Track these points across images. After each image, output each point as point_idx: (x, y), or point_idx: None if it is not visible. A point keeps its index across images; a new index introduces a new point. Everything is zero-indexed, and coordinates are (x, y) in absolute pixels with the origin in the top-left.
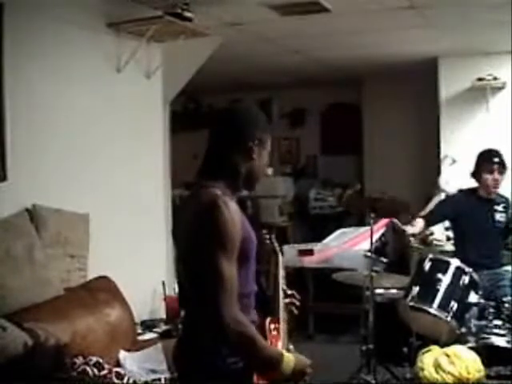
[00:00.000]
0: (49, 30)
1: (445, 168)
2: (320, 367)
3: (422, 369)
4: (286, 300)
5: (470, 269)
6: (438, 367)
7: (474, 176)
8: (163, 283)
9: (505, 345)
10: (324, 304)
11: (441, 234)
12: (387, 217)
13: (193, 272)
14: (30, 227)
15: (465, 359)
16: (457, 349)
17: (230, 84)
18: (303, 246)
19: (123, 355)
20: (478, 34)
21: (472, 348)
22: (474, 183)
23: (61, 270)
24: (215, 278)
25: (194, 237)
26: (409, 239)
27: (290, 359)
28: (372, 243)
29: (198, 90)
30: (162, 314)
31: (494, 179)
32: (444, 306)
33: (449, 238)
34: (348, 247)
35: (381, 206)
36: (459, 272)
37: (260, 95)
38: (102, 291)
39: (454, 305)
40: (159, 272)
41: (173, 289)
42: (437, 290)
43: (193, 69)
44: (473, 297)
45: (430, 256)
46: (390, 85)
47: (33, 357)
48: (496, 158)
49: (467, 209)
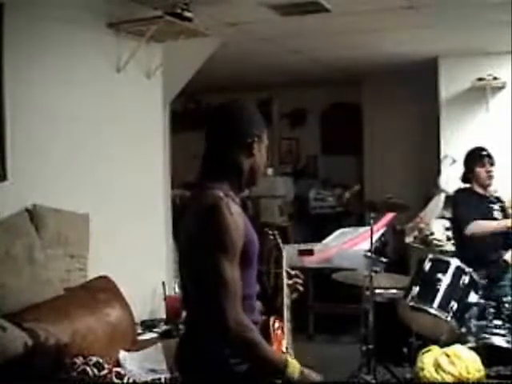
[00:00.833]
0: (49, 30)
1: (445, 168)
2: (320, 367)
3: (422, 369)
4: (290, 281)
5: (470, 269)
6: (438, 367)
7: (466, 177)
8: (163, 283)
9: (505, 345)
10: (324, 304)
11: (441, 234)
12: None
13: (195, 274)
14: (30, 227)
15: (465, 359)
16: (457, 349)
17: (230, 84)
18: (303, 246)
19: (123, 355)
20: (478, 34)
21: (472, 348)
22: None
23: (61, 270)
24: (218, 282)
25: (196, 239)
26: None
27: (296, 366)
28: (372, 243)
29: (198, 90)
30: (162, 314)
31: (487, 171)
32: (444, 306)
33: (449, 238)
34: (348, 247)
35: (380, 208)
36: (459, 272)
37: (260, 95)
38: (102, 291)
39: (454, 305)
40: (159, 272)
41: (173, 289)
42: (437, 290)
43: (193, 69)
44: (473, 297)
45: (430, 256)
46: (390, 85)
47: (33, 357)
48: (483, 152)
49: (468, 207)
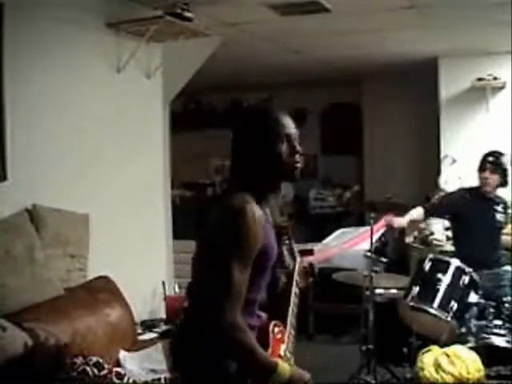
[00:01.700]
0: (49, 30)
1: (445, 168)
2: (320, 367)
3: (422, 369)
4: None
5: (470, 269)
6: (438, 367)
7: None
8: (163, 283)
9: (505, 345)
10: (324, 304)
11: (441, 234)
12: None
13: (205, 271)
14: (30, 227)
15: (465, 359)
16: (457, 349)
17: (230, 84)
18: (303, 246)
19: (123, 355)
20: (478, 34)
21: (472, 348)
22: (475, 182)
23: (61, 270)
24: (224, 282)
25: (214, 238)
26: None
27: (286, 369)
28: (372, 243)
29: (198, 90)
30: (162, 314)
31: (484, 177)
32: (444, 306)
33: (449, 238)
34: (348, 247)
35: (380, 208)
36: (459, 272)
37: (260, 95)
38: (102, 291)
39: (454, 305)
40: (159, 272)
41: (173, 289)
42: (437, 290)
43: (193, 69)
44: (473, 297)
45: (430, 256)
46: (390, 85)
47: (33, 357)
48: (490, 158)
49: (469, 206)
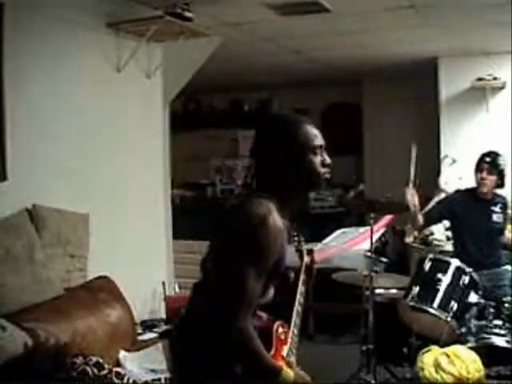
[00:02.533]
0: (49, 30)
1: (445, 168)
2: (320, 367)
3: (422, 369)
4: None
5: (470, 269)
6: (438, 367)
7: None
8: (163, 283)
9: (505, 345)
10: (324, 304)
11: (441, 234)
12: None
13: (217, 274)
14: (30, 227)
15: (465, 359)
16: (457, 349)
17: (230, 84)
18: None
19: (123, 355)
20: (478, 34)
21: (472, 348)
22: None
23: (61, 270)
24: (239, 292)
25: (233, 244)
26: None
27: (289, 374)
28: (372, 243)
29: (198, 90)
30: (162, 314)
31: (481, 178)
32: (444, 306)
33: (449, 238)
34: (348, 247)
35: (380, 208)
36: (459, 272)
37: (260, 95)
38: (102, 291)
39: (454, 305)
40: (159, 272)
41: (173, 289)
42: (437, 290)
43: (193, 69)
44: (473, 297)
45: (430, 256)
46: (390, 85)
47: (33, 357)
48: (487, 158)
49: (464, 208)
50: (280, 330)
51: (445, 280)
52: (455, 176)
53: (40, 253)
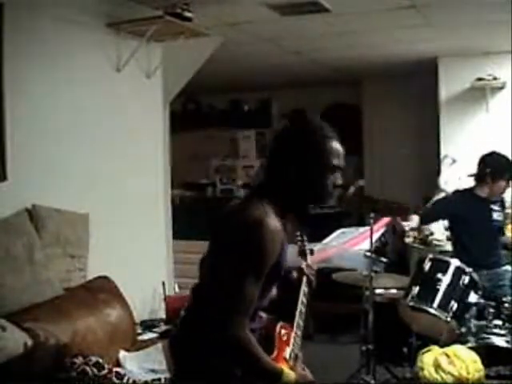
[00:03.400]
0: (49, 30)
1: (444, 168)
2: (320, 367)
3: (422, 369)
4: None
5: (470, 269)
6: (438, 367)
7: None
8: (163, 283)
9: (505, 345)
10: (324, 304)
11: (441, 234)
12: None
13: (215, 277)
14: (30, 227)
15: (465, 359)
16: (457, 349)
17: (230, 84)
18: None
19: (123, 355)
20: (478, 34)
21: (472, 348)
22: (472, 183)
23: (61, 270)
24: (236, 296)
25: (231, 247)
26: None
27: (291, 375)
28: (372, 243)
29: (198, 90)
30: (162, 314)
31: (505, 188)
32: (444, 306)
33: (449, 238)
34: (348, 247)
35: (380, 208)
36: (459, 272)
37: (260, 95)
38: (102, 291)
39: (454, 305)
40: (159, 272)
41: (173, 289)
42: (437, 290)
43: (193, 69)
44: (473, 297)
45: (430, 256)
46: (390, 85)
47: (33, 357)
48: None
49: (464, 209)
50: (282, 332)
51: (445, 280)
52: (455, 176)
53: (40, 253)
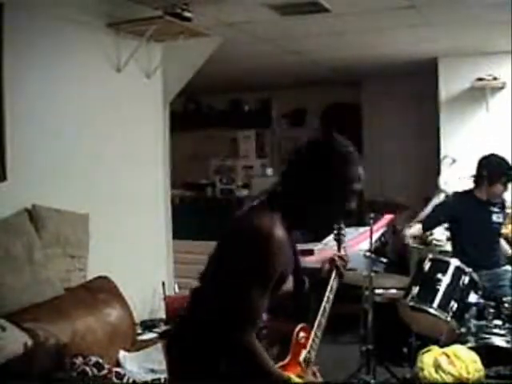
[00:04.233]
0: (49, 30)
1: (444, 168)
2: (320, 367)
3: (422, 369)
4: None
5: (470, 269)
6: (438, 367)
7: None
8: (163, 283)
9: (505, 345)
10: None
11: (441, 234)
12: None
13: (219, 285)
14: (30, 227)
15: (464, 359)
16: (457, 349)
17: (230, 84)
18: (303, 246)
19: (123, 355)
20: (478, 34)
21: (472, 348)
22: (471, 184)
23: (61, 270)
24: (244, 307)
25: (239, 258)
26: (406, 241)
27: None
28: (372, 243)
29: (198, 90)
30: (162, 314)
31: (503, 191)
32: (444, 306)
33: (449, 238)
34: (348, 247)
35: (380, 208)
36: (459, 272)
37: (260, 95)
38: (102, 291)
39: (454, 305)
40: (159, 272)
41: (173, 289)
42: (437, 290)
43: (193, 69)
44: (473, 297)
45: (430, 256)
46: (390, 85)
47: (33, 357)
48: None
49: (464, 211)
50: (301, 335)
51: (444, 280)
52: (455, 176)
53: (39, 253)
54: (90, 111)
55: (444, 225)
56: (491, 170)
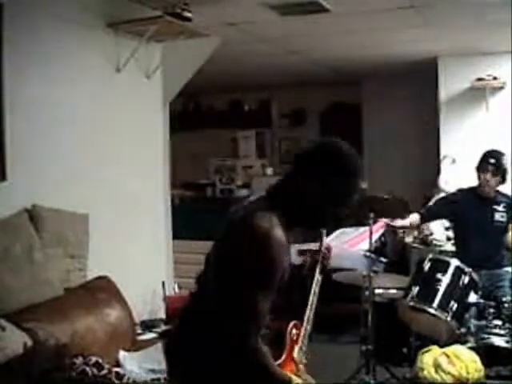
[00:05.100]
0: (49, 30)
1: (444, 168)
2: (319, 367)
3: (422, 369)
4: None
5: (470, 269)
6: (438, 367)
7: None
8: (163, 283)
9: (505, 345)
10: (324, 304)
11: (441, 234)
12: (386, 217)
13: (224, 291)
14: (30, 227)
15: (464, 359)
16: (456, 349)
17: (230, 84)
18: (303, 246)
19: (123, 355)
20: (478, 34)
21: (472, 348)
22: (474, 182)
23: (60, 270)
24: (248, 311)
25: (241, 261)
26: (401, 234)
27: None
28: (371, 243)
29: (198, 90)
30: (162, 314)
31: (486, 179)
32: (444, 306)
33: (449, 238)
34: (348, 247)
35: (380, 206)
36: (459, 272)
37: (260, 95)
38: (102, 291)
39: (454, 305)
40: (159, 272)
41: (172, 289)
42: (436, 290)
43: (193, 69)
44: (472, 297)
45: (430, 256)
46: (390, 85)
47: (32, 357)
48: (492, 159)
49: (466, 208)
50: (293, 332)
51: (444, 280)
52: (455, 176)
53: (39, 253)
54: (90, 111)
55: (444, 225)
56: (478, 163)
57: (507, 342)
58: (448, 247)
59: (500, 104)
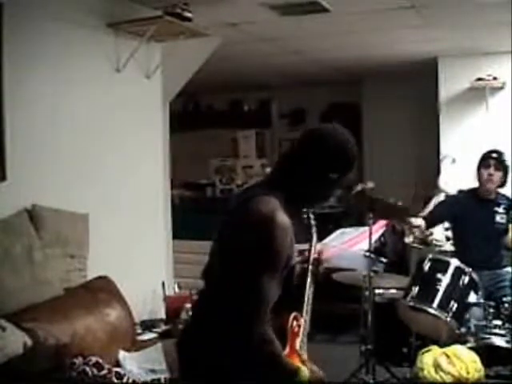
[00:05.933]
0: (48, 30)
1: (444, 168)
2: (320, 367)
3: (422, 369)
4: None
5: (470, 269)
6: (438, 367)
7: (477, 176)
8: (163, 283)
9: (505, 345)
10: (324, 304)
11: (441, 234)
12: (385, 219)
13: (231, 279)
14: (30, 227)
15: (464, 359)
16: (456, 349)
17: (230, 84)
18: (303, 246)
19: (123, 355)
20: (478, 34)
21: (472, 348)
22: (474, 183)
23: (60, 270)
24: (255, 297)
25: (245, 246)
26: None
27: (305, 373)
28: (371, 243)
29: (198, 90)
30: (162, 314)
31: (489, 174)
32: (444, 306)
33: (449, 238)
34: (348, 247)
35: (379, 208)
36: (459, 272)
37: (260, 95)
38: (102, 291)
39: (454, 305)
40: (159, 272)
41: (172, 289)
42: (436, 290)
43: (193, 69)
44: (473, 297)
45: (430, 256)
46: (390, 85)
47: (32, 357)
48: (494, 154)
49: (466, 210)
50: (294, 324)
51: (444, 280)
52: (455, 176)
53: (39, 253)
54: (90, 111)
55: (444, 225)
56: (479, 160)
57: (507, 342)
58: (448, 247)
59: (500, 104)
